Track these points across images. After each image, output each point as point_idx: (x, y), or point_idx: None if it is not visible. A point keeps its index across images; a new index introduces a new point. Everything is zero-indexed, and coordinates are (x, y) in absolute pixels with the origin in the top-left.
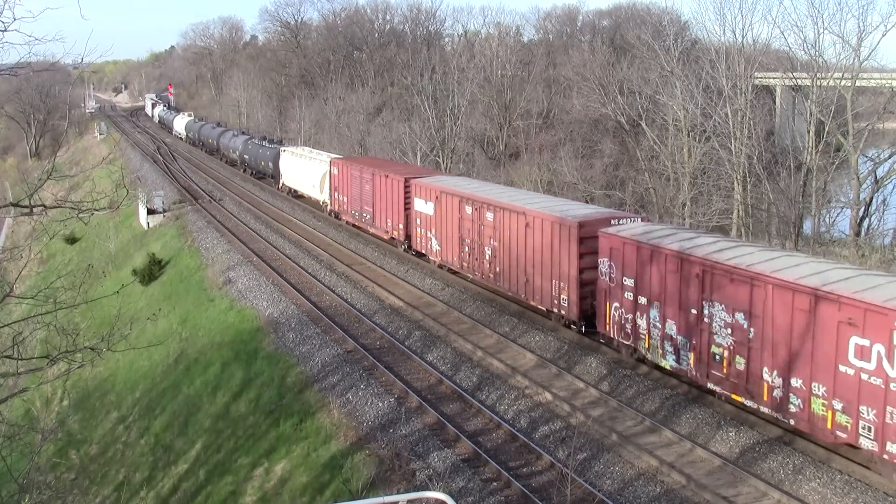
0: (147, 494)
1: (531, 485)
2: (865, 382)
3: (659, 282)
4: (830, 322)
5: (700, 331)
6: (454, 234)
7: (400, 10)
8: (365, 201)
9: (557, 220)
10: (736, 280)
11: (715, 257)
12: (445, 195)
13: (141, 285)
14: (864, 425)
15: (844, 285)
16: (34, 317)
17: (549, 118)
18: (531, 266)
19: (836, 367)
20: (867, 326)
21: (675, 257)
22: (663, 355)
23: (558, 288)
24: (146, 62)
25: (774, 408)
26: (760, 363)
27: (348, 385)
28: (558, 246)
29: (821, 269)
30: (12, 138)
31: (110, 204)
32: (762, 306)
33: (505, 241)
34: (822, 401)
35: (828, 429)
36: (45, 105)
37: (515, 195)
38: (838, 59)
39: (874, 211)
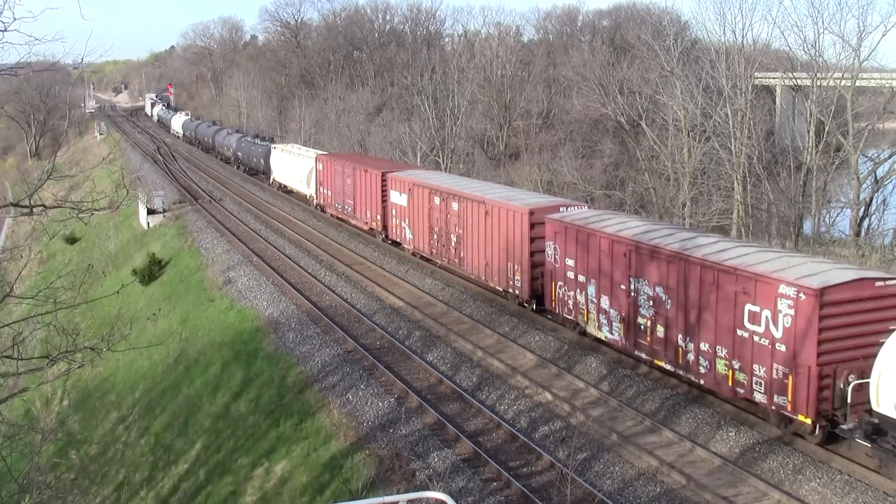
0: (147, 494)
1: (531, 485)
2: (757, 344)
3: (594, 262)
4: (729, 292)
5: (628, 304)
6: (425, 223)
7: (400, 10)
8: (347, 195)
9: (511, 208)
10: (656, 258)
11: (639, 238)
12: (417, 187)
13: (141, 285)
14: (756, 381)
15: (741, 260)
16: (34, 317)
17: (549, 118)
18: (490, 250)
19: (734, 332)
20: (758, 295)
21: (607, 239)
22: (599, 328)
23: (512, 270)
24: (146, 62)
25: (687, 370)
26: (676, 331)
27: (348, 385)
28: (512, 231)
29: (725, 248)
30: (12, 138)
31: (110, 204)
32: (677, 280)
33: (468, 229)
34: (724, 361)
35: (729, 386)
36: (45, 105)
37: (478, 186)
38: (838, 59)
39: (874, 211)
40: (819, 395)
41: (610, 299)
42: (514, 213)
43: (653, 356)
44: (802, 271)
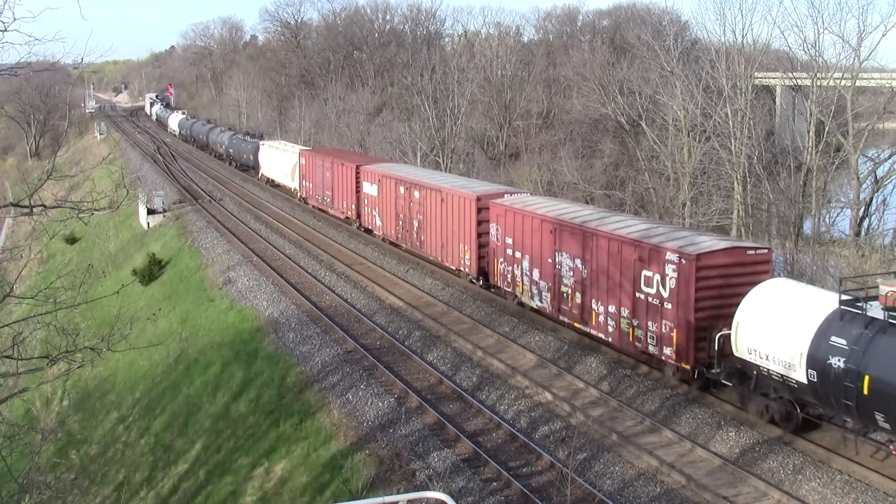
0: (147, 494)
1: (531, 485)
2: (650, 304)
3: (528, 240)
4: (630, 260)
5: (554, 275)
6: (392, 211)
7: (400, 10)
8: (326, 187)
9: (462, 195)
10: (575, 234)
11: (562, 217)
12: (385, 178)
13: (141, 285)
14: (650, 336)
15: (640, 233)
16: (34, 317)
17: (549, 118)
18: (445, 233)
19: (634, 294)
20: (650, 262)
21: (537, 219)
22: (532, 298)
23: (463, 250)
24: (146, 62)
25: (600, 330)
26: (590, 296)
27: (348, 385)
28: (463, 216)
29: (629, 224)
30: (12, 138)
31: (110, 204)
32: (591, 253)
33: (427, 215)
34: (627, 320)
35: (630, 341)
36: (45, 105)
37: (437, 177)
38: (838, 59)
39: (874, 211)
40: (697, 346)
41: (540, 272)
42: (465, 200)
43: (573, 320)
44: (686, 241)
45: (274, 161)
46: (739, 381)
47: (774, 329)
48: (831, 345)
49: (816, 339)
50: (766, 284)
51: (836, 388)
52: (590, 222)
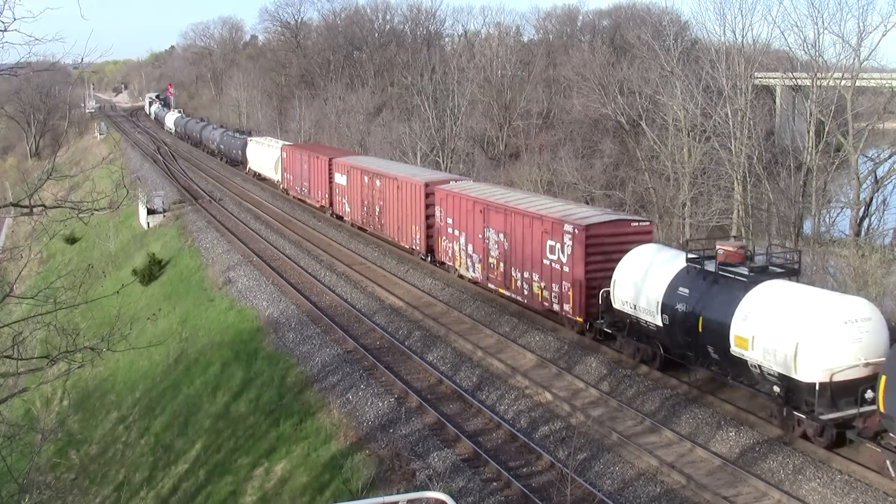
0: (147, 494)
1: (531, 485)
2: (554, 268)
3: (464, 219)
4: (539, 233)
5: (483, 248)
6: (359, 198)
7: (400, 10)
8: (304, 178)
9: (413, 182)
10: (499, 213)
11: (489, 199)
12: (353, 169)
13: (141, 285)
14: (554, 295)
15: (546, 210)
16: (34, 317)
17: (549, 118)
18: (401, 217)
19: (542, 261)
20: (553, 232)
21: (471, 201)
22: (467, 269)
23: (414, 231)
24: (146, 62)
25: (518, 294)
26: (511, 265)
27: (348, 385)
28: (414, 200)
29: (539, 202)
30: (12, 138)
31: (110, 204)
32: (510, 228)
33: (386, 201)
34: (537, 284)
35: (539, 301)
36: (45, 105)
37: (394, 167)
38: (838, 59)
39: (874, 211)
40: (588, 302)
41: (473, 246)
42: (415, 186)
43: (497, 286)
44: (581, 215)
45: (260, 156)
46: (617, 329)
47: (640, 284)
48: (678, 294)
49: (668, 291)
50: (636, 249)
51: (681, 328)
52: (510, 203)
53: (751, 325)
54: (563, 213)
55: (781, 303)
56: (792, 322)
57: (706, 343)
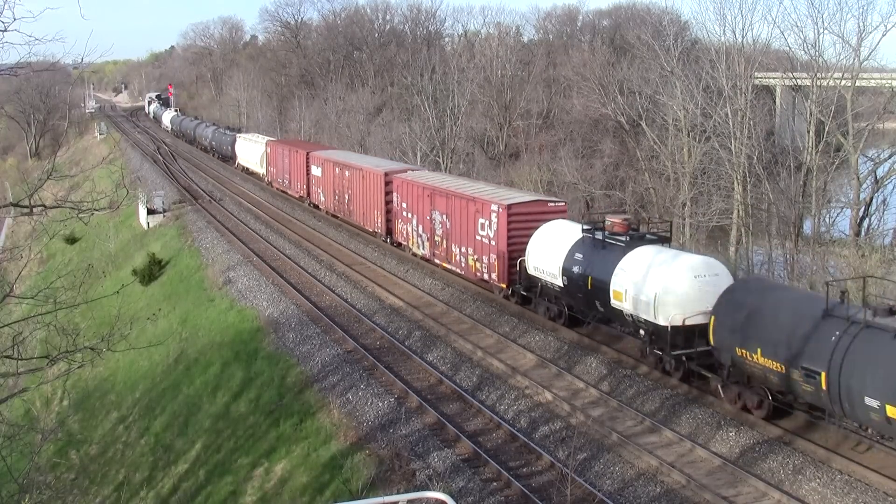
0: (147, 494)
1: (531, 485)
2: (484, 243)
3: (415, 204)
4: (472, 213)
5: (430, 228)
6: (331, 188)
7: (400, 10)
8: (285, 171)
9: (375, 171)
10: (442, 196)
11: (435, 185)
12: (327, 162)
13: (141, 285)
14: (484, 266)
15: (479, 193)
16: (34, 317)
17: (549, 118)
18: (365, 203)
19: (475, 237)
20: (483, 211)
21: (420, 187)
22: (418, 248)
23: (376, 215)
24: (146, 62)
25: (457, 266)
26: (452, 242)
27: (348, 385)
28: (375, 189)
29: (473, 186)
30: (12, 138)
31: (110, 204)
32: (452, 209)
33: (354, 190)
34: (472, 257)
35: (473, 273)
36: (45, 105)
37: (360, 159)
38: (838, 59)
39: (874, 211)
40: (510, 270)
41: (422, 227)
42: (376, 176)
43: (442, 261)
44: (505, 196)
45: (247, 151)
46: (532, 292)
47: (547, 252)
48: (575, 259)
49: (567, 256)
50: (547, 224)
51: (576, 287)
52: (451, 188)
53: (624, 281)
54: (491, 195)
55: (647, 262)
56: (652, 277)
57: (594, 298)
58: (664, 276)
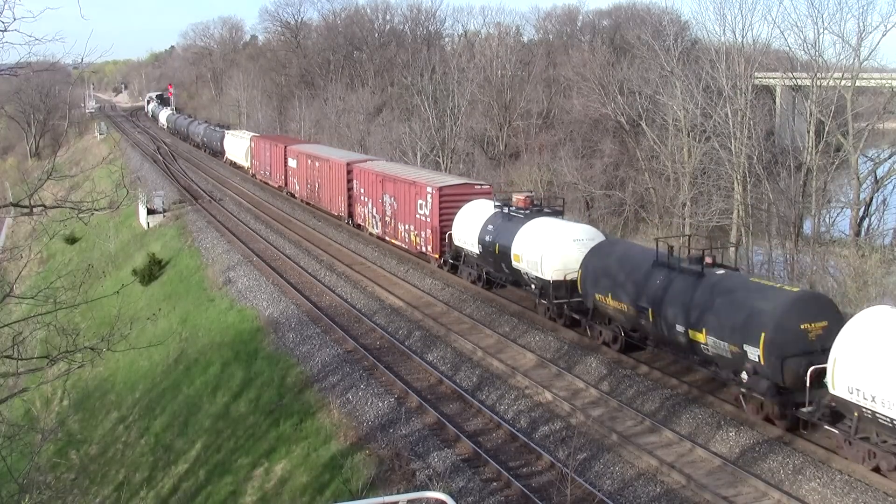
0: (147, 494)
1: (531, 485)
2: (422, 220)
3: (370, 189)
4: (413, 195)
5: (382, 210)
6: (304, 178)
7: (400, 10)
8: (267, 164)
9: (338, 162)
10: (391, 181)
11: (386, 172)
12: (301, 155)
13: (141, 285)
14: (422, 241)
15: (419, 178)
16: (34, 317)
17: (549, 118)
18: (331, 191)
19: (415, 216)
20: (421, 194)
21: (374, 174)
22: (373, 227)
23: (340, 201)
24: (146, 62)
25: (403, 242)
26: (398, 221)
27: (348, 385)
28: (339, 177)
29: (419, 174)
30: (12, 138)
31: (110, 204)
32: (398, 193)
33: (322, 178)
34: (413, 233)
35: (415, 246)
36: (45, 105)
37: (328, 151)
38: (838, 59)
39: (874, 211)
40: (442, 244)
41: (376, 209)
42: (340, 165)
43: (391, 238)
44: (439, 180)
45: (234, 146)
46: (458, 261)
47: (468, 226)
48: (488, 230)
49: (482, 228)
50: (469, 203)
51: (488, 253)
52: (399, 174)
53: (522, 246)
54: (428, 180)
55: (539, 230)
56: (541, 242)
57: (501, 262)
58: (549, 240)
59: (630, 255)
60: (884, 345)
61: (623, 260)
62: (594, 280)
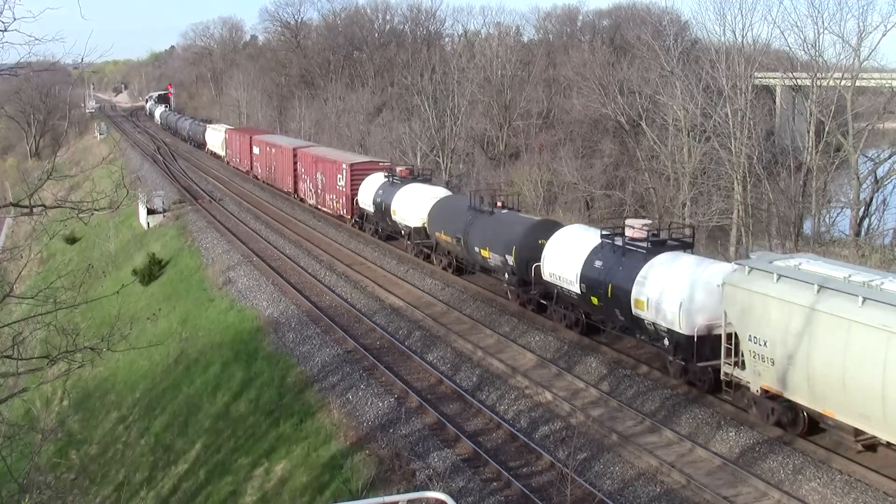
0: (147, 494)
1: (531, 485)
2: (341, 191)
3: (307, 169)
4: (335, 171)
5: (315, 185)
6: (264, 162)
7: (400, 10)
8: (237, 152)
9: (287, 148)
10: (321, 162)
11: (318, 154)
12: (261, 143)
13: (141, 285)
14: (341, 207)
15: (338, 157)
16: (34, 317)
17: (549, 118)
18: (282, 171)
19: (336, 188)
20: (340, 170)
21: (311, 156)
22: (311, 199)
23: (289, 180)
24: (146, 62)
25: (328, 209)
26: (326, 193)
27: (348, 385)
28: (288, 160)
29: (341, 155)
30: (12, 138)
31: (110, 204)
32: (326, 170)
33: (277, 162)
34: (335, 201)
35: (335, 211)
36: (45, 105)
37: (281, 140)
38: (838, 59)
39: (874, 211)
40: (353, 209)
41: (313, 185)
42: (288, 150)
43: (322, 206)
44: (352, 159)
45: (213, 138)
46: (364, 220)
47: (366, 192)
48: (378, 194)
49: (375, 192)
50: (369, 176)
51: (379, 210)
52: (327, 156)
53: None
54: (344, 159)
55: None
56: (408, 200)
57: (385, 217)
58: (414, 198)
59: (455, 204)
60: (561, 248)
61: (451, 207)
62: (435, 223)
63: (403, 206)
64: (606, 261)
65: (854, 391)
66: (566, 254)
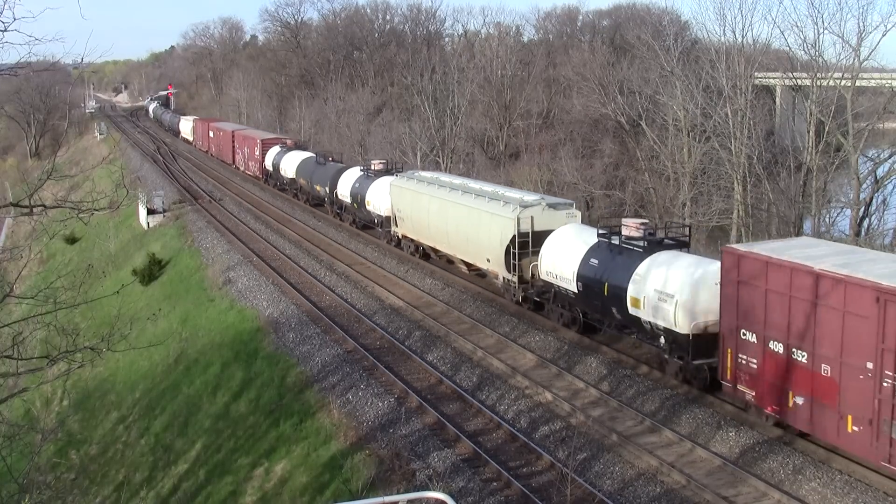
0: (147, 494)
1: (531, 485)
2: (257, 159)
3: (241, 145)
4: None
5: (245, 157)
6: (217, 143)
7: (400, 10)
8: (200, 137)
9: (255, 139)
10: (248, 139)
11: (245, 134)
12: (214, 128)
13: (141, 285)
14: (257, 170)
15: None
16: (34, 317)
17: (549, 118)
18: (252, 159)
19: (255, 156)
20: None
21: (241, 135)
22: (243, 167)
23: (257, 165)
24: (146, 62)
25: (249, 172)
26: (249, 160)
27: (348, 385)
28: (257, 150)
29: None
30: (12, 138)
31: (110, 204)
32: (250, 145)
33: (223, 142)
34: (254, 167)
35: (254, 173)
36: (45, 105)
37: (227, 126)
38: (838, 59)
39: (874, 211)
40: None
41: (243, 157)
42: (256, 141)
43: (245, 171)
44: (263, 136)
45: (185, 127)
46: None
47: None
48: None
49: (273, 157)
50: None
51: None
52: (251, 135)
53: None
54: (260, 137)
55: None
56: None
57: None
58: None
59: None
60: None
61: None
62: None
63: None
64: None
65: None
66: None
